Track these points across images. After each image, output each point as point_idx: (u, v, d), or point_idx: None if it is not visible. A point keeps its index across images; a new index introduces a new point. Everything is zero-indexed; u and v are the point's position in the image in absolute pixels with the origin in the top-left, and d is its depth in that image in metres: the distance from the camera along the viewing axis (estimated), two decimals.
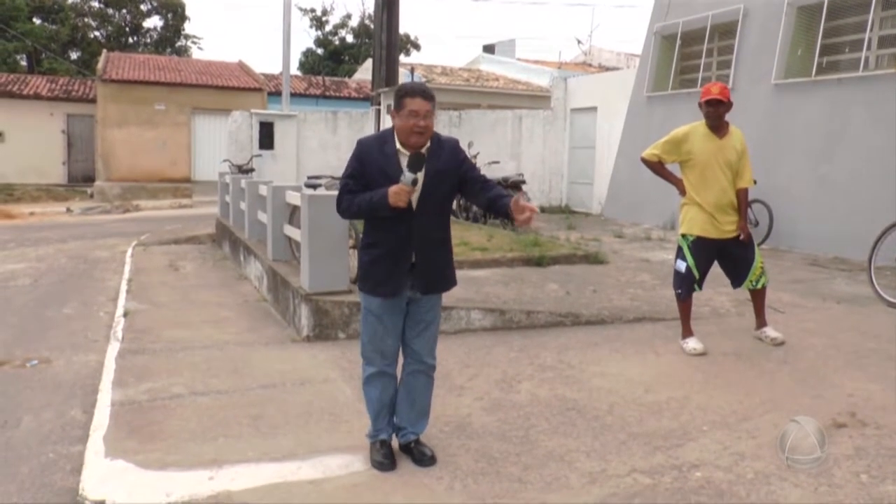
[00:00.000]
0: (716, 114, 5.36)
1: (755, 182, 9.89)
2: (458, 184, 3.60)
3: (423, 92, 3.45)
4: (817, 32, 10.98)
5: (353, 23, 41.74)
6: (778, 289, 7.17)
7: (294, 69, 34.83)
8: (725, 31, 12.83)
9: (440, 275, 3.64)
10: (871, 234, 7.27)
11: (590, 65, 25.52)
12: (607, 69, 23.18)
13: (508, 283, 7.23)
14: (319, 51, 42.03)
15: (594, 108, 16.83)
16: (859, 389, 4.56)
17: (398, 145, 3.49)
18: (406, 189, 3.34)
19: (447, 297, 4.08)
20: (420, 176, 3.40)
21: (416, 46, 42.65)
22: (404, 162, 3.42)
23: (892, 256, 7.07)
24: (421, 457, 3.62)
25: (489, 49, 27.77)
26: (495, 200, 3.53)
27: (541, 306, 6.35)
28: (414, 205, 3.47)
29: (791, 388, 4.61)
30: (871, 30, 10.35)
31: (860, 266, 8.49)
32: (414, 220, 3.49)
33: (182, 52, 40.19)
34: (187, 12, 40.36)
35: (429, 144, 3.49)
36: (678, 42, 13.79)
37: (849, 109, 10.33)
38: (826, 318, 6.49)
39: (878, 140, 9.77)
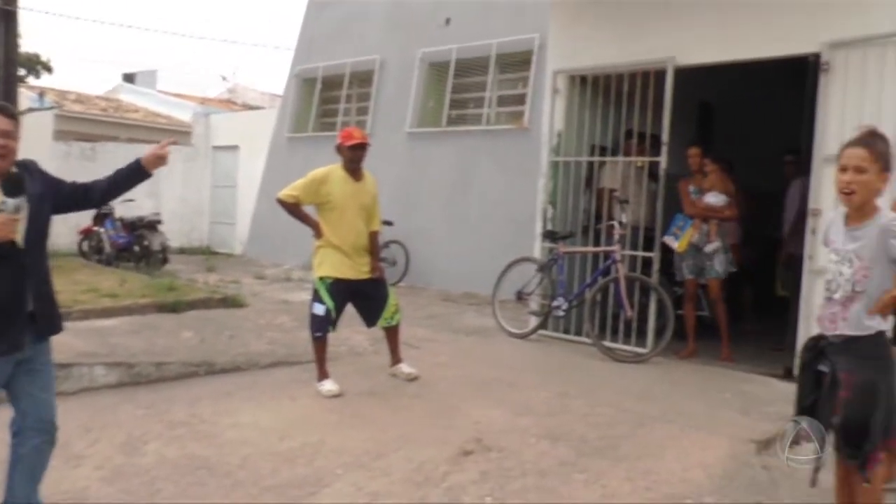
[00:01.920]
0: (357, 157, 5.46)
1: (392, 223, 10.48)
2: (58, 204, 3.17)
3: (2, 110, 2.99)
4: (446, 87, 11.91)
5: None
6: (414, 324, 7.49)
7: None
8: (364, 78, 13.37)
9: (56, 315, 3.19)
10: (496, 271, 7.93)
11: (234, 102, 25.14)
12: (252, 108, 23.02)
13: (139, 332, 6.67)
14: None
15: (236, 147, 16.48)
16: (484, 416, 4.84)
17: None
18: (12, 218, 2.85)
19: (67, 354, 3.58)
20: (23, 202, 2.91)
21: (48, 69, 38.75)
22: None
23: (513, 291, 7.77)
24: None
25: (129, 78, 26.01)
26: (119, 174, 3.28)
27: (173, 356, 5.90)
28: (21, 239, 2.94)
29: (424, 422, 4.76)
30: (491, 89, 11.48)
31: (486, 300, 9.22)
32: (26, 258, 2.98)
33: None
34: None
35: (14, 169, 3.00)
36: (319, 86, 14.10)
37: (475, 158, 11.30)
38: (457, 350, 6.90)
39: (500, 186, 10.80)
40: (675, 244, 6.99)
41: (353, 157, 5.46)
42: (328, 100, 14.19)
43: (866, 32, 5.69)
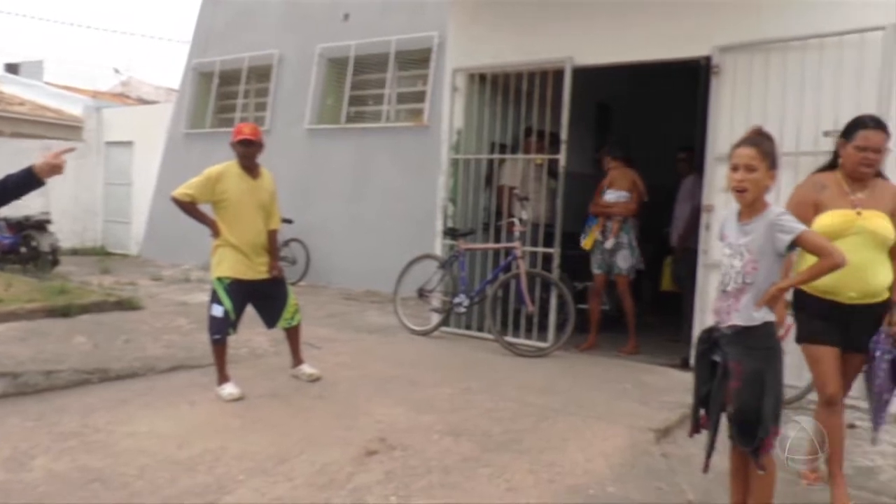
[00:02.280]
0: (248, 153, 5.32)
1: (292, 221, 10.31)
2: None
3: None
4: (345, 84, 11.80)
5: None
6: (315, 324, 7.39)
7: None
8: (262, 73, 13.11)
9: None
10: (398, 268, 7.91)
11: (128, 96, 24.20)
12: (146, 102, 22.21)
13: (27, 338, 6.33)
14: None
15: (131, 143, 15.87)
16: (387, 415, 4.81)
17: None
18: None
19: None
20: None
21: None
22: None
23: (414, 288, 7.76)
24: None
25: (13, 69, 24.59)
26: (8, 181, 3.14)
27: (64, 364, 5.60)
28: None
29: (326, 423, 4.68)
30: (391, 87, 11.45)
31: (388, 297, 9.20)
32: None
33: None
34: None
35: None
36: (216, 80, 13.75)
37: (375, 155, 11.24)
38: (359, 349, 6.84)
39: (400, 183, 10.78)
40: (583, 242, 7.21)
41: (243, 154, 5.32)
42: (226, 95, 13.85)
43: (752, 38, 5.95)
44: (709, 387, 3.13)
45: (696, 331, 6.16)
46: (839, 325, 3.55)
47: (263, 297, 5.46)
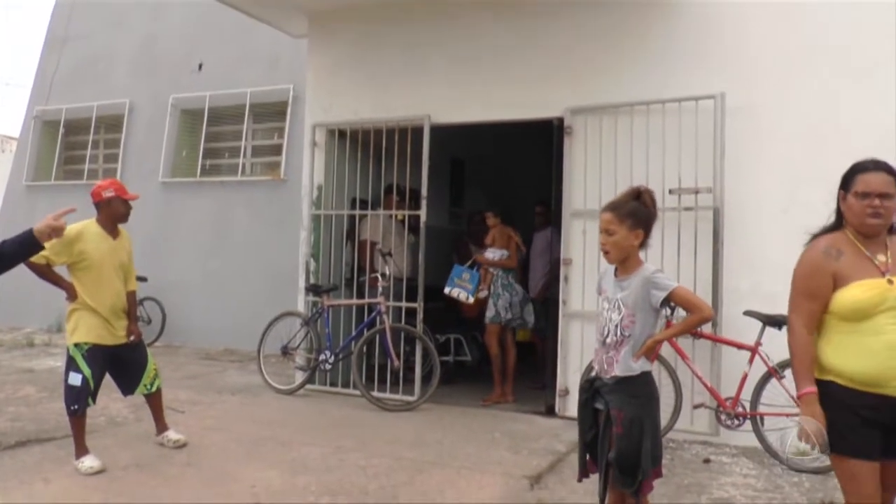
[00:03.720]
0: (126, 213, 5.17)
1: (146, 279, 9.94)
2: None
3: None
4: (200, 136, 11.58)
5: None
6: (175, 386, 7.13)
7: None
8: (112, 123, 12.59)
9: None
10: (257, 325, 7.77)
11: None
12: None
13: None
14: None
15: None
16: (261, 479, 4.71)
17: None
18: None
19: None
20: None
21: None
22: None
23: (277, 346, 7.65)
24: None
25: None
26: (5, 246, 2.94)
27: None
28: None
29: (198, 492, 4.52)
30: (247, 139, 11.35)
31: (248, 356, 9.02)
32: None
33: None
34: None
35: None
36: (62, 129, 13.11)
37: (232, 210, 11.05)
38: (224, 411, 6.66)
39: (258, 238, 10.64)
40: (466, 297, 7.27)
41: (124, 214, 5.16)
42: (73, 145, 13.16)
43: (600, 101, 6.39)
44: (593, 432, 3.31)
45: (560, 378, 6.45)
46: (883, 426, 2.80)
47: (122, 362, 5.22)
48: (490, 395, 7.24)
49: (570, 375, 6.38)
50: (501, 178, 10.52)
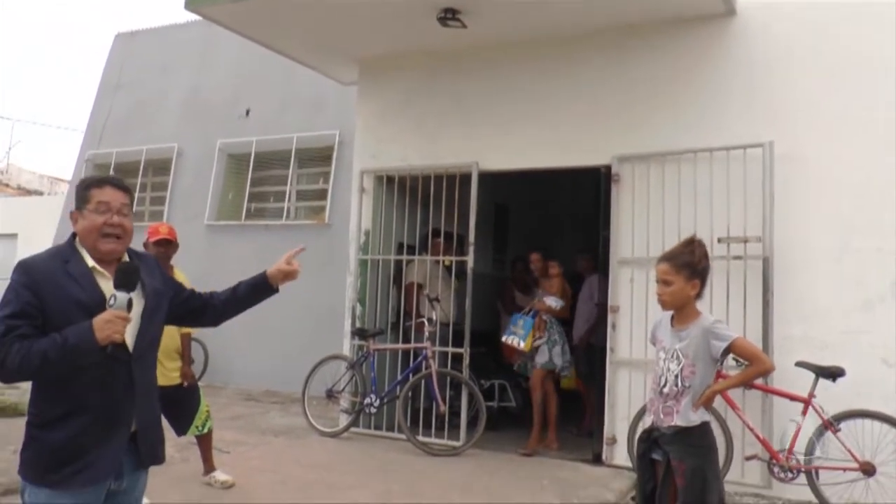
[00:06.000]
0: (166, 254, 5.27)
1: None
2: (174, 310, 2.76)
3: (113, 181, 2.59)
4: (246, 180, 11.80)
5: None
6: (220, 427, 7.12)
7: None
8: (161, 167, 12.93)
9: (161, 440, 2.69)
10: (298, 367, 7.82)
11: (7, 185, 23.30)
12: (28, 192, 21.42)
13: None
14: None
15: (15, 235, 15.22)
16: None
17: (89, 260, 2.51)
18: (121, 316, 2.30)
19: None
20: (136, 297, 2.42)
21: None
22: (105, 283, 2.45)
23: (321, 389, 7.68)
24: None
25: None
26: (239, 290, 2.86)
27: None
28: (130, 342, 2.45)
29: None
30: (292, 184, 11.54)
31: (289, 398, 9.06)
32: (134, 365, 2.47)
33: None
34: None
35: (127, 258, 2.56)
36: (112, 172, 13.43)
37: (276, 253, 10.66)
38: (269, 452, 6.68)
39: (301, 281, 10.58)
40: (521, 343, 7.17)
41: (162, 255, 5.27)
42: None
43: (648, 149, 6.44)
44: (652, 484, 3.29)
45: (607, 426, 6.38)
46: None
47: (174, 403, 5.28)
48: (528, 442, 7.12)
49: (617, 423, 6.32)
50: (544, 223, 10.55)
